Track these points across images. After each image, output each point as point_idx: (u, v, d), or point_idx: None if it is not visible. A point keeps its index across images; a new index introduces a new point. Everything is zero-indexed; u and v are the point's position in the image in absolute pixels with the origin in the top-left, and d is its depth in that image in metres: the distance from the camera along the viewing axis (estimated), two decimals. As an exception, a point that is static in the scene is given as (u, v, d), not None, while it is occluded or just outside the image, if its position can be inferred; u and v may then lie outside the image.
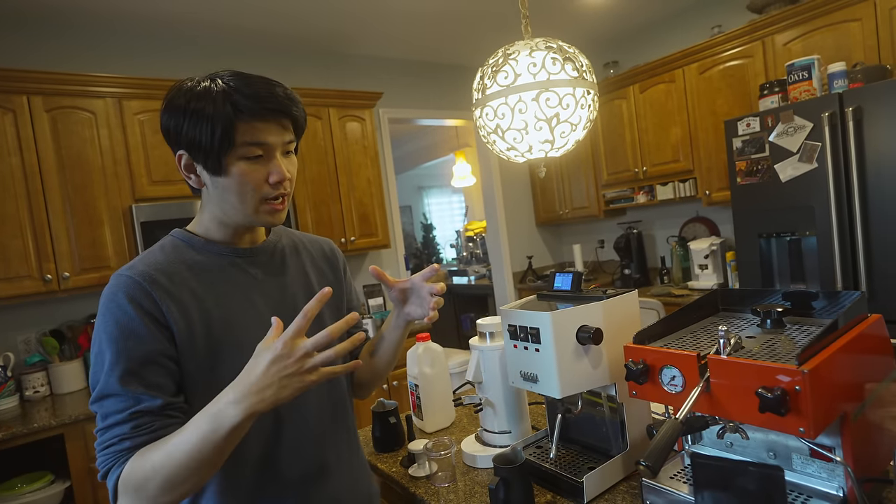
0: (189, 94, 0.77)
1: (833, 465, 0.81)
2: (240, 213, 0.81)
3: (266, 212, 0.81)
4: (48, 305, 2.45)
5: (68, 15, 2.48)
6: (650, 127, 3.26)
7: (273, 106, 0.77)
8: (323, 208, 3.00)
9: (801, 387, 0.69)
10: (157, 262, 0.80)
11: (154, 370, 0.74)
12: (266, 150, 0.78)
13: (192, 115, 0.76)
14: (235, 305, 0.83)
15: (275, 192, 0.80)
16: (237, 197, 0.79)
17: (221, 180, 0.78)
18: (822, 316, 0.95)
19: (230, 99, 0.75)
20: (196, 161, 0.79)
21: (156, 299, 0.76)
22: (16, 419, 2.01)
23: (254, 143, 0.77)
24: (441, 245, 7.43)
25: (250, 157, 0.77)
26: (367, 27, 3.06)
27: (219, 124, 0.75)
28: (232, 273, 0.85)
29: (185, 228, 0.87)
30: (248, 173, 0.78)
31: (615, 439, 1.08)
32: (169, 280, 0.78)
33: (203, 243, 0.85)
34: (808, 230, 2.23)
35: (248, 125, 0.76)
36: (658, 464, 0.71)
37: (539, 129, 1.23)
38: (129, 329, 0.74)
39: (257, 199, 0.79)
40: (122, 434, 0.71)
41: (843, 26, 2.41)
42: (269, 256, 0.90)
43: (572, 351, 0.99)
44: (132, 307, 0.74)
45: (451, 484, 1.12)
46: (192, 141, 0.77)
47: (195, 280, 0.81)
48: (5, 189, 2.15)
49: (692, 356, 0.81)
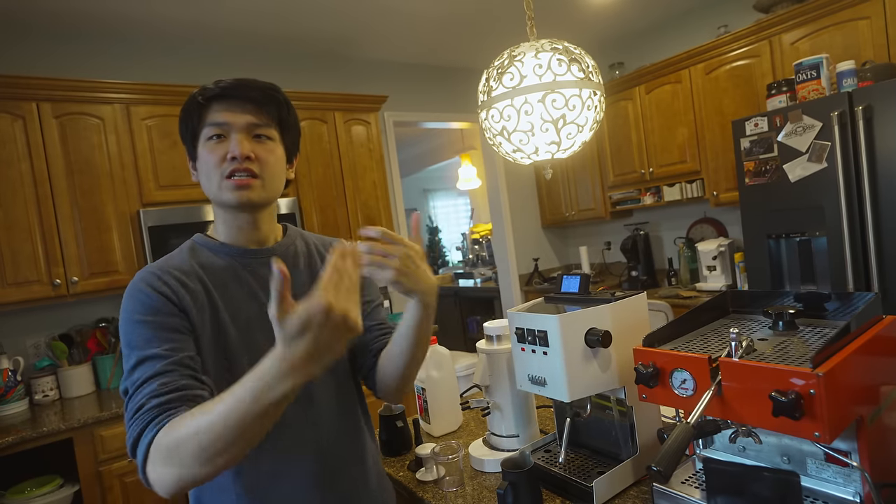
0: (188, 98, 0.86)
1: (849, 470, 0.79)
2: (212, 195, 0.86)
3: (228, 188, 0.83)
4: (57, 310, 2.47)
5: (75, 22, 2.50)
6: (656, 128, 3.24)
7: (234, 87, 0.83)
8: (329, 211, 3.00)
9: (815, 390, 0.68)
10: (175, 263, 0.85)
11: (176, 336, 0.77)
12: (224, 130, 0.83)
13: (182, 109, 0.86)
14: (244, 306, 0.85)
15: (230, 167, 0.82)
16: (206, 178, 0.85)
17: (199, 166, 0.86)
18: (835, 318, 0.94)
19: (203, 89, 0.83)
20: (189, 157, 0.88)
21: (173, 288, 0.80)
22: (25, 423, 2.02)
23: (213, 122, 0.83)
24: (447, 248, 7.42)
25: (210, 137, 0.83)
26: (372, 31, 3.07)
27: (191, 111, 0.84)
28: (243, 275, 0.88)
29: (205, 233, 0.92)
30: (210, 152, 0.83)
31: (625, 443, 1.06)
32: (185, 276, 0.83)
33: (217, 245, 0.89)
34: (818, 231, 2.21)
35: (210, 110, 0.83)
36: (669, 468, 0.70)
37: (545, 131, 1.22)
38: (150, 305, 0.77)
39: (219, 176, 0.83)
40: (149, 393, 0.70)
41: (851, 24, 2.39)
42: (282, 257, 0.90)
43: (581, 354, 0.98)
44: (153, 290, 0.79)
45: (458, 488, 1.11)
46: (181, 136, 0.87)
47: (207, 279, 0.85)
48: (15, 194, 2.17)
49: (703, 359, 0.80)
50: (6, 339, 2.36)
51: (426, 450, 1.20)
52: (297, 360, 0.57)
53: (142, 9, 2.45)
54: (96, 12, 2.43)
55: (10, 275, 2.14)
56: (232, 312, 0.84)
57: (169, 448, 0.63)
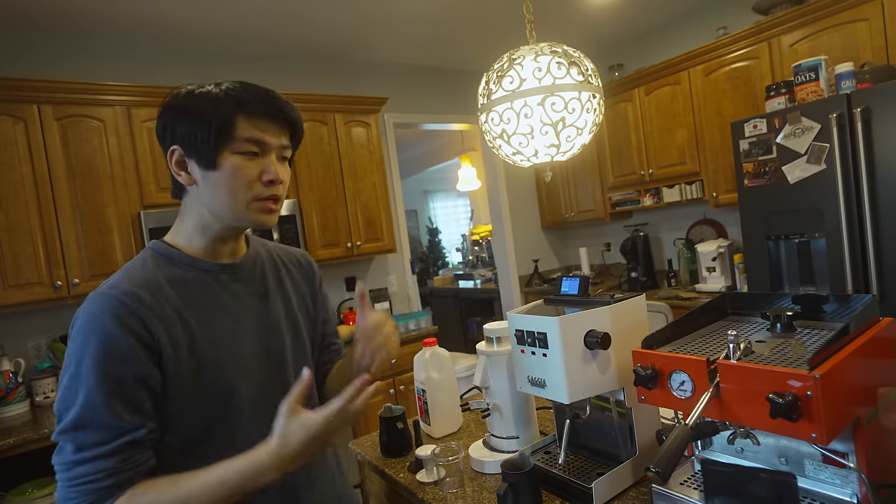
0: (189, 93, 0.78)
1: (846, 472, 0.79)
2: (229, 212, 0.79)
3: (258, 210, 0.79)
4: (58, 312, 2.47)
5: (77, 24, 2.51)
6: (656, 129, 3.25)
7: (275, 107, 0.78)
8: (329, 213, 3.01)
9: (812, 392, 0.68)
10: (141, 279, 0.76)
11: (139, 395, 0.71)
12: (262, 149, 0.78)
13: (192, 108, 0.76)
14: (220, 324, 0.80)
15: (267, 192, 0.79)
16: (227, 193, 0.77)
17: (213, 175, 0.77)
18: (832, 320, 0.94)
19: (234, 94, 0.77)
20: (189, 156, 0.78)
21: (143, 320, 0.72)
22: (26, 425, 2.02)
23: (251, 139, 0.77)
24: (447, 249, 7.43)
25: (245, 152, 0.77)
26: (373, 33, 3.08)
27: (219, 116, 0.75)
28: (215, 290, 0.82)
29: (163, 240, 0.84)
30: (241, 168, 0.77)
31: (624, 445, 1.07)
32: (153, 298, 0.75)
33: (184, 258, 0.81)
34: (816, 232, 2.22)
35: (249, 121, 0.76)
36: (668, 470, 0.70)
37: (545, 134, 1.23)
38: (117, 352, 0.70)
39: (248, 196, 0.78)
40: (105, 469, 0.66)
41: (850, 26, 2.40)
42: (251, 272, 0.88)
43: (580, 356, 0.99)
44: (119, 329, 0.70)
45: (458, 490, 1.12)
46: (188, 133, 0.76)
47: (178, 297, 0.78)
48: (16, 197, 2.17)
49: (701, 361, 0.80)
50: (7, 340, 2.36)
51: (426, 451, 1.20)
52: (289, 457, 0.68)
53: (142, 11, 2.46)
54: (96, 14, 2.44)
55: (11, 277, 2.15)
56: (209, 333, 0.78)
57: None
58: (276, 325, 0.88)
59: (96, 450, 0.67)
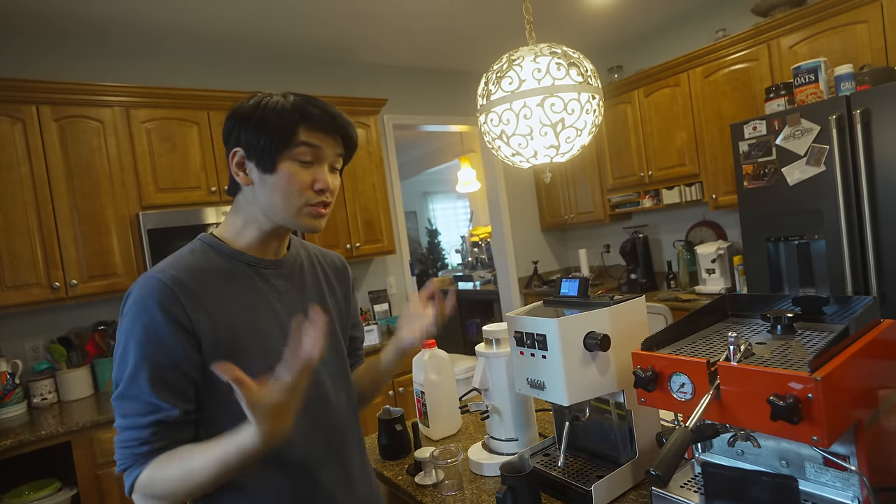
0: (258, 102, 0.83)
1: (848, 474, 0.79)
2: (281, 214, 0.84)
3: (308, 214, 0.84)
4: (56, 313, 2.46)
5: (76, 25, 2.51)
6: (655, 131, 3.25)
7: (335, 121, 0.84)
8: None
9: (813, 394, 0.68)
10: (188, 267, 0.81)
11: (176, 377, 0.76)
12: (317, 158, 0.83)
13: (261, 114, 0.81)
14: (260, 315, 0.84)
15: (317, 199, 0.84)
16: (282, 197, 0.82)
17: (270, 178, 0.82)
18: (833, 321, 0.94)
19: (299, 106, 0.82)
20: (249, 158, 0.83)
21: (185, 306, 0.77)
22: (23, 426, 2.01)
23: (310, 144, 0.82)
24: (446, 250, 7.42)
25: (302, 160, 0.82)
26: (372, 34, 3.07)
27: (283, 124, 0.81)
28: (258, 283, 0.87)
29: (213, 233, 0.89)
30: (297, 174, 0.82)
31: (624, 447, 1.06)
32: (199, 285, 0.80)
33: (231, 251, 0.86)
34: (816, 234, 2.21)
35: (309, 131, 0.82)
36: (668, 473, 0.70)
37: (544, 135, 1.23)
38: (157, 335, 0.75)
39: (300, 201, 0.83)
40: (140, 438, 0.75)
41: (849, 28, 2.40)
42: (291, 269, 0.93)
43: (580, 358, 0.98)
44: (161, 314, 0.75)
45: (457, 492, 1.11)
46: (252, 137, 0.81)
47: (223, 287, 0.82)
48: (14, 198, 2.17)
49: (702, 363, 0.80)
50: (5, 342, 2.35)
51: (425, 453, 1.19)
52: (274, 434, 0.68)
53: (142, 11, 2.46)
54: (96, 15, 2.44)
55: (9, 278, 2.14)
56: (250, 324, 0.83)
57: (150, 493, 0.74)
58: None
59: (134, 419, 0.75)
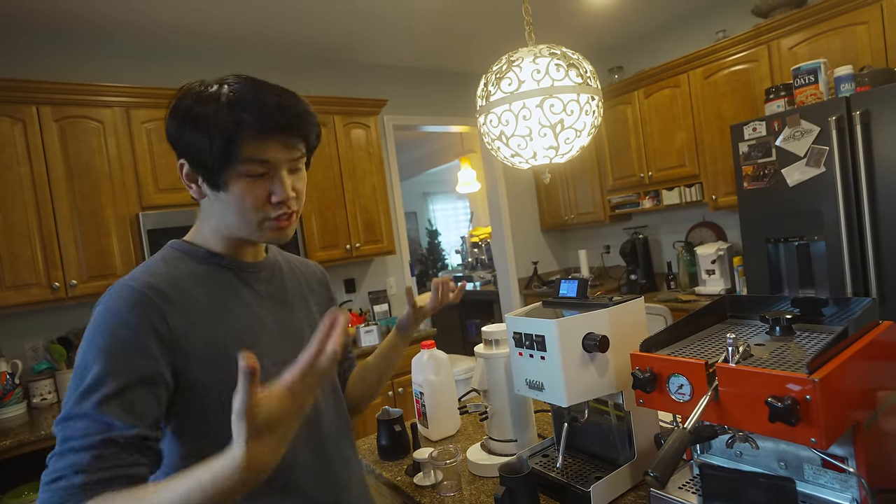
0: (194, 98, 0.73)
1: (846, 476, 0.79)
2: (242, 230, 0.77)
3: (270, 229, 0.77)
4: (56, 313, 2.47)
5: (76, 25, 2.51)
6: (655, 132, 3.25)
7: (280, 121, 0.72)
8: (328, 215, 3.00)
9: (811, 396, 0.68)
10: (162, 273, 0.74)
11: (143, 393, 0.65)
12: (269, 168, 0.74)
13: (193, 123, 0.72)
14: (242, 321, 0.78)
15: (277, 213, 0.76)
16: (237, 214, 0.75)
17: (222, 195, 0.74)
18: (832, 323, 0.94)
19: (233, 111, 0.70)
20: (196, 172, 0.75)
21: (163, 313, 0.70)
22: (23, 426, 2.01)
23: (256, 160, 0.72)
24: (446, 251, 7.42)
25: (252, 174, 0.72)
26: (372, 35, 3.08)
27: (219, 138, 0.70)
28: (237, 287, 0.81)
29: (184, 239, 0.82)
30: (249, 191, 0.73)
31: (622, 448, 1.06)
32: (175, 292, 0.73)
33: (206, 255, 0.80)
34: (816, 235, 2.21)
35: (251, 141, 0.71)
36: (666, 474, 0.70)
37: (543, 136, 1.23)
38: (128, 343, 0.66)
39: (258, 217, 0.75)
40: (78, 464, 0.59)
41: (849, 29, 2.40)
42: (271, 273, 0.87)
43: (578, 359, 0.98)
44: (136, 319, 0.67)
45: (456, 493, 1.11)
46: (192, 151, 0.73)
47: (200, 293, 0.76)
48: (14, 198, 2.17)
49: (700, 364, 0.80)
50: (4, 342, 2.36)
51: (424, 454, 1.19)
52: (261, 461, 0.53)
53: (142, 12, 2.46)
54: (96, 15, 2.44)
55: (8, 278, 2.14)
56: (232, 330, 0.76)
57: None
58: (298, 329, 0.86)
59: (77, 441, 0.61)
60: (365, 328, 2.86)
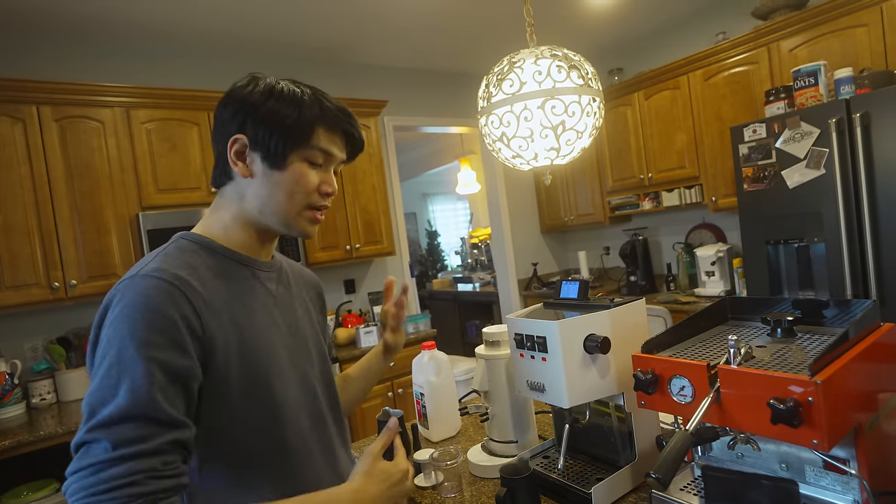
0: (272, 89, 0.76)
1: (847, 478, 0.79)
2: (280, 214, 0.78)
3: (307, 219, 0.80)
4: (55, 313, 2.46)
5: (76, 25, 2.51)
6: (655, 133, 3.25)
7: (349, 123, 0.81)
8: (328, 215, 3.00)
9: (814, 398, 0.68)
10: (184, 265, 0.71)
11: (180, 393, 0.63)
12: (327, 161, 0.80)
13: (275, 105, 0.74)
14: (261, 320, 0.78)
15: (321, 202, 0.80)
16: (286, 195, 0.77)
17: (277, 175, 0.76)
18: (833, 325, 0.94)
19: (320, 102, 0.77)
20: (254, 149, 0.75)
21: (196, 309, 0.67)
22: (22, 427, 2.01)
23: (322, 149, 0.78)
24: (446, 252, 7.42)
25: (314, 162, 0.78)
26: (372, 35, 3.08)
27: (302, 120, 0.75)
28: (255, 286, 0.80)
29: (193, 232, 0.80)
30: (307, 175, 0.77)
31: (623, 450, 1.06)
32: (203, 287, 0.70)
33: (224, 250, 0.78)
34: (816, 237, 2.21)
35: (326, 132, 0.78)
36: (668, 476, 0.70)
37: (545, 137, 1.23)
38: (167, 337, 0.63)
39: (304, 203, 0.79)
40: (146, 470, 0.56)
41: (849, 32, 2.41)
42: (279, 275, 0.88)
43: (580, 360, 0.98)
44: (171, 312, 0.64)
45: (457, 494, 1.11)
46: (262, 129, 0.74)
47: (224, 289, 0.74)
48: (14, 198, 2.17)
49: (702, 366, 0.80)
50: (4, 342, 2.35)
51: (424, 455, 1.19)
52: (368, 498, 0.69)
53: (142, 12, 2.46)
54: (97, 15, 2.44)
55: (8, 278, 2.14)
56: (255, 329, 0.76)
57: None
58: (303, 333, 0.87)
59: (138, 446, 0.56)
60: (364, 329, 2.86)
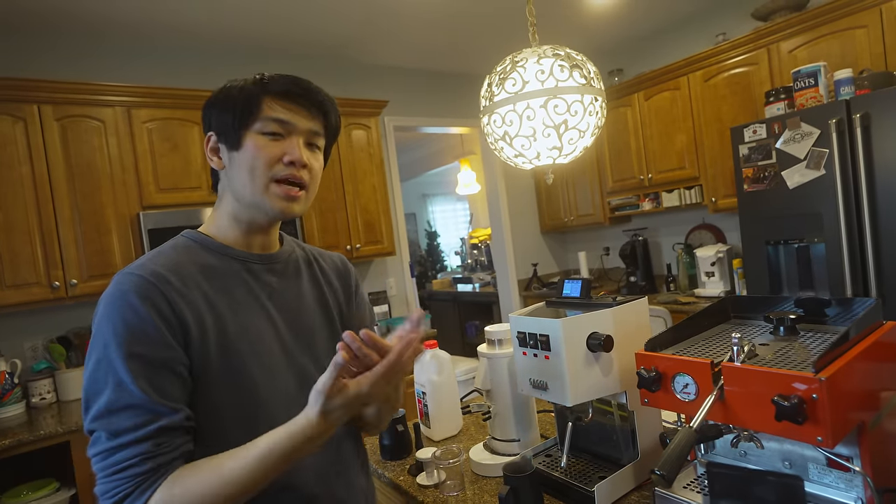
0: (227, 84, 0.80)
1: (851, 475, 0.79)
2: (249, 195, 0.78)
3: (277, 195, 0.77)
4: (55, 312, 2.46)
5: (78, 24, 2.51)
6: (655, 134, 3.26)
7: (301, 89, 0.78)
8: (328, 215, 3.00)
9: (818, 395, 0.68)
10: (169, 263, 0.75)
11: (170, 379, 0.68)
12: (287, 130, 0.78)
13: (226, 93, 0.78)
14: (250, 313, 0.79)
15: (285, 172, 0.77)
16: (248, 172, 0.76)
17: (237, 155, 0.77)
18: (835, 323, 0.94)
19: (262, 78, 0.78)
20: (220, 140, 0.79)
21: (170, 301, 0.70)
22: (22, 426, 2.00)
23: (274, 118, 0.76)
24: (445, 252, 7.42)
25: (267, 132, 0.76)
26: (373, 35, 3.08)
27: (244, 97, 0.76)
28: (246, 279, 0.81)
29: (198, 230, 0.83)
30: (262, 148, 0.76)
31: (626, 448, 1.07)
32: (181, 282, 0.73)
33: (217, 246, 0.81)
34: (816, 237, 2.22)
35: (273, 101, 0.77)
36: (673, 473, 0.70)
37: (547, 136, 1.23)
38: (143, 332, 0.67)
39: (267, 177, 0.76)
40: (142, 453, 0.64)
41: (848, 33, 2.41)
42: (284, 266, 0.87)
43: (583, 358, 0.98)
44: (145, 308, 0.68)
45: (459, 493, 1.11)
46: (219, 117, 0.78)
47: (208, 284, 0.76)
48: (15, 197, 2.16)
49: (706, 363, 0.80)
50: (4, 341, 2.35)
51: (427, 454, 1.19)
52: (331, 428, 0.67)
53: (143, 11, 2.46)
54: (98, 15, 2.44)
55: (8, 277, 2.14)
56: (239, 322, 0.76)
57: None
58: (308, 320, 0.86)
59: (131, 434, 0.64)
60: (365, 329, 2.85)
